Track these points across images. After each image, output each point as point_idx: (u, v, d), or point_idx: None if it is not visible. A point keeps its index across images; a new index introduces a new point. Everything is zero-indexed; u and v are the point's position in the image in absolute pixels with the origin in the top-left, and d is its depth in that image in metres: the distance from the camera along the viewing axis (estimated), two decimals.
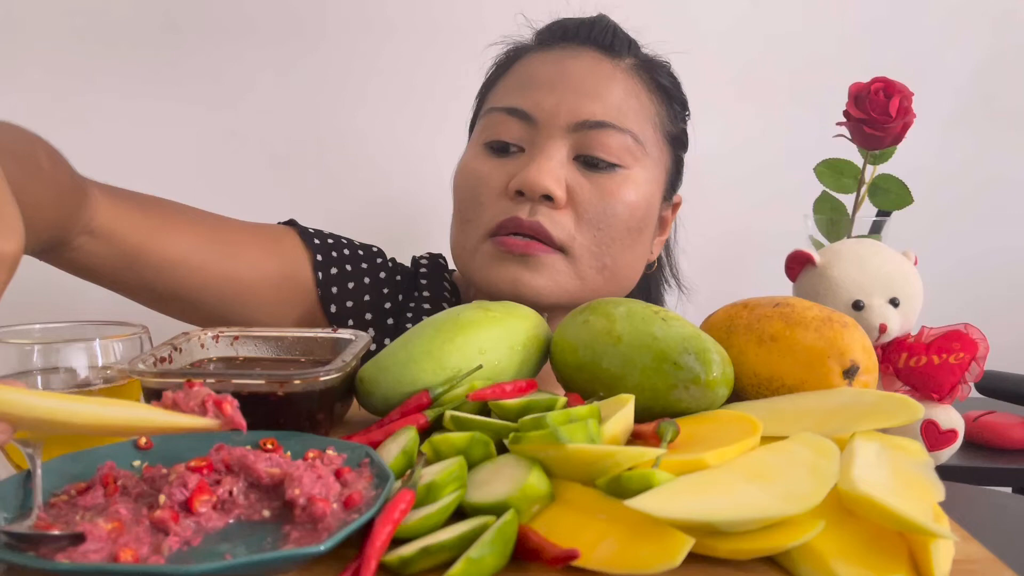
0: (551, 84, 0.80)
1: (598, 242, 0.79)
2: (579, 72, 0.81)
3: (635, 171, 0.81)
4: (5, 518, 0.39)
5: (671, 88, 0.88)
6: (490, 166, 0.81)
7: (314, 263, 0.86)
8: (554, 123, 0.79)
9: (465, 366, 0.56)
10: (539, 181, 0.76)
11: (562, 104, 0.79)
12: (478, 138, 0.84)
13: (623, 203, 0.79)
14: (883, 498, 0.36)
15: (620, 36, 0.86)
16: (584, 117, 0.78)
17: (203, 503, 0.39)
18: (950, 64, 1.50)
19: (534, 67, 0.84)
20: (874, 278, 0.64)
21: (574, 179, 0.78)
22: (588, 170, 0.79)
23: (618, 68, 0.83)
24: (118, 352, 0.52)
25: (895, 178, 0.83)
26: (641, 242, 0.84)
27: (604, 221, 0.79)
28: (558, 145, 0.79)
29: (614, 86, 0.81)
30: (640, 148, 0.81)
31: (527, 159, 0.79)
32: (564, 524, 0.39)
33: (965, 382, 0.62)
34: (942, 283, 1.06)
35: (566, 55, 0.83)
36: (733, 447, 0.43)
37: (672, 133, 0.87)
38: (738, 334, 0.57)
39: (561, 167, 0.78)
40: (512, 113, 0.81)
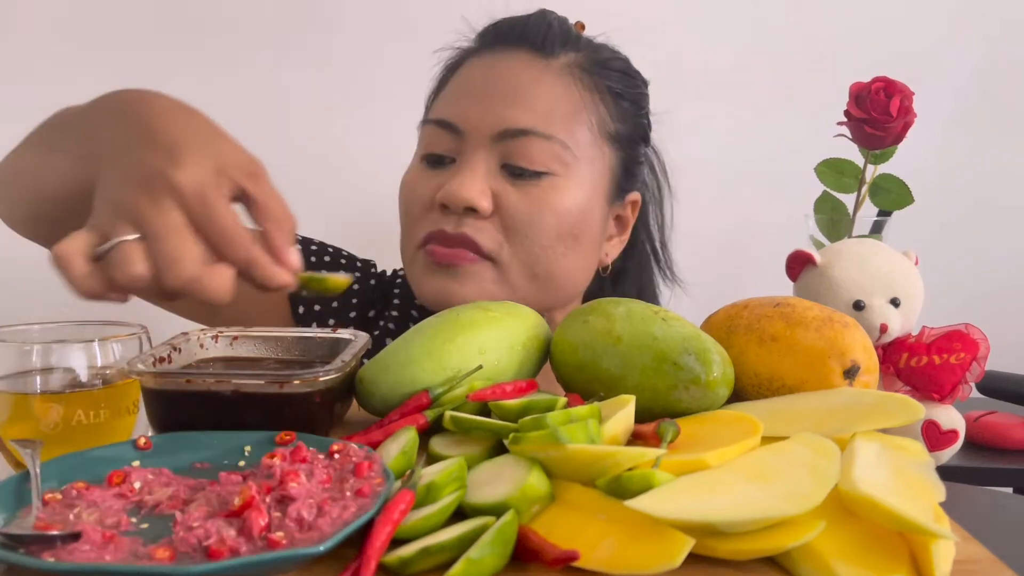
0: (480, 93, 0.80)
1: (527, 251, 0.78)
2: (506, 77, 0.80)
3: (564, 178, 0.79)
4: (4, 518, 0.39)
5: (621, 88, 0.85)
6: (422, 178, 0.81)
7: None
8: (479, 133, 0.78)
9: (465, 366, 0.56)
10: (460, 193, 0.75)
11: (487, 114, 0.78)
12: (417, 151, 0.84)
13: (551, 211, 0.78)
14: (884, 498, 0.36)
15: (555, 33, 0.83)
16: (506, 125, 0.77)
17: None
18: (950, 64, 1.50)
19: (468, 74, 0.83)
20: (875, 278, 0.64)
21: (501, 188, 0.77)
22: (514, 179, 0.78)
23: (548, 70, 0.81)
24: (117, 352, 0.52)
25: (896, 178, 0.82)
26: (580, 248, 0.82)
27: (532, 229, 0.77)
28: (483, 156, 0.78)
29: (541, 90, 0.80)
30: (569, 153, 0.79)
31: (454, 172, 0.79)
32: (564, 524, 0.39)
33: (966, 382, 0.62)
34: (943, 283, 1.06)
35: (497, 60, 0.82)
36: (733, 447, 0.43)
37: (616, 132, 0.84)
38: (738, 334, 0.57)
39: (485, 179, 0.77)
40: (441, 125, 0.80)
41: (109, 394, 0.51)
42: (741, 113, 1.49)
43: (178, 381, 0.50)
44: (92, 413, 0.50)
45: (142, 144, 0.49)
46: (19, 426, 0.50)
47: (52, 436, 0.49)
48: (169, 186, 0.45)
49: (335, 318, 0.91)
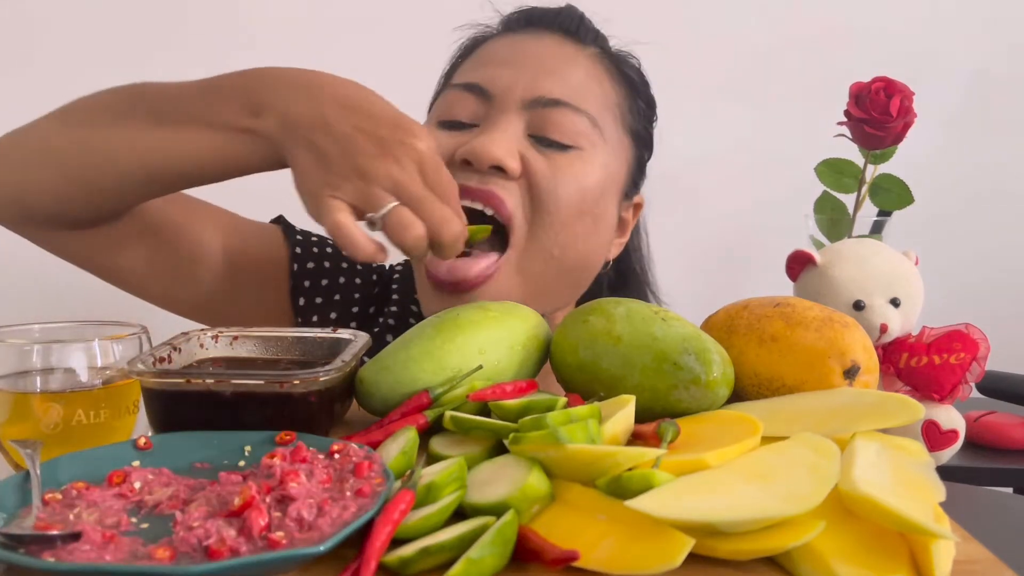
0: (510, 61, 0.78)
1: (547, 224, 0.74)
2: (540, 51, 0.79)
3: (590, 154, 0.77)
4: (4, 518, 0.39)
5: (638, 83, 0.85)
6: (443, 138, 0.77)
7: (291, 255, 0.89)
8: (509, 98, 0.76)
9: (465, 366, 0.56)
10: (489, 149, 0.71)
11: (519, 79, 0.76)
12: (433, 116, 0.81)
13: (577, 184, 0.75)
14: (884, 498, 0.36)
15: (587, 25, 0.84)
16: (540, 93, 0.76)
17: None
18: (950, 64, 1.50)
19: (495, 47, 0.82)
20: (875, 278, 0.64)
21: (529, 153, 0.75)
22: (542, 148, 0.76)
23: (581, 53, 0.81)
24: (117, 352, 0.52)
25: (896, 178, 0.83)
26: (596, 234, 0.79)
27: (556, 199, 0.74)
28: (512, 119, 0.75)
29: (575, 68, 0.79)
30: (597, 132, 0.77)
31: (479, 131, 0.76)
32: (564, 524, 0.39)
33: (966, 382, 0.62)
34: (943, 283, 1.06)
35: (529, 36, 0.82)
36: (733, 447, 0.43)
37: (635, 129, 0.84)
38: (738, 334, 0.57)
39: (515, 140, 0.75)
40: (467, 88, 0.78)
41: (109, 394, 0.51)
42: (741, 113, 1.49)
43: (178, 381, 0.50)
44: (92, 413, 0.50)
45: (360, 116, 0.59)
46: (19, 426, 0.50)
47: (52, 436, 0.49)
48: (414, 155, 0.58)
49: (336, 312, 0.90)
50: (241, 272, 0.85)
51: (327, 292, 0.90)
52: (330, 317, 0.90)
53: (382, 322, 0.91)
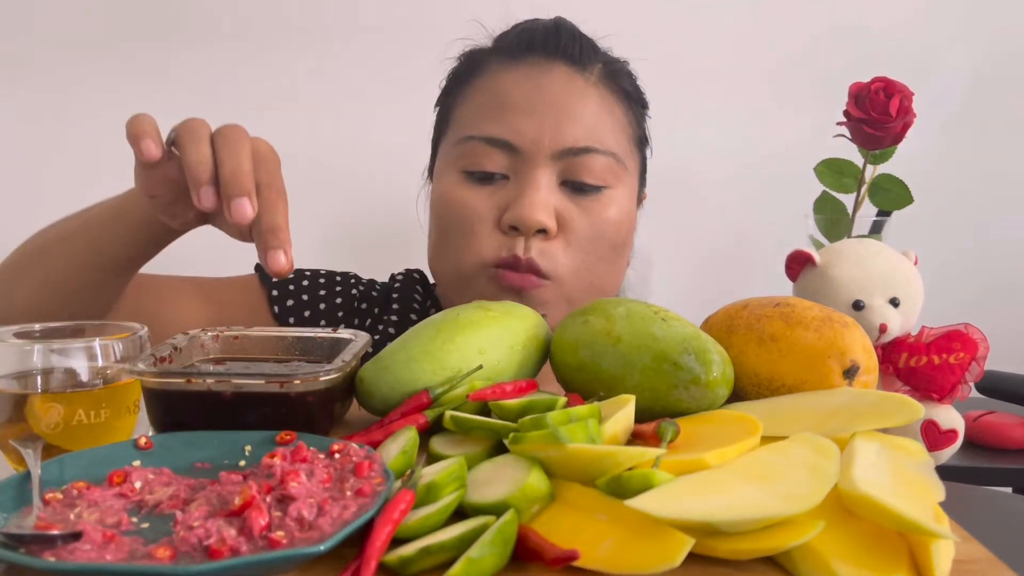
0: (528, 108, 0.80)
1: (587, 265, 0.81)
2: (554, 93, 0.81)
3: (618, 190, 0.82)
4: (5, 518, 0.39)
5: (633, 91, 0.88)
6: (477, 196, 0.80)
7: (270, 299, 0.91)
8: (538, 151, 0.79)
9: (465, 366, 0.56)
10: (533, 216, 0.77)
11: (544, 130, 0.79)
12: (455, 163, 0.82)
13: (609, 223, 0.81)
14: (883, 498, 0.36)
15: (585, 44, 0.85)
16: (568, 144, 0.79)
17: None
18: (950, 64, 1.50)
19: (504, 86, 0.82)
20: (874, 278, 0.64)
21: (562, 206, 0.80)
22: (575, 194, 0.80)
23: (589, 83, 0.83)
24: (118, 352, 0.52)
25: (895, 178, 0.83)
26: (624, 255, 0.86)
27: (592, 244, 0.80)
28: (544, 173, 0.79)
29: (588, 104, 0.81)
30: (621, 166, 0.82)
31: (515, 189, 0.79)
32: (564, 524, 0.39)
33: (965, 382, 0.62)
34: (942, 283, 1.06)
35: (537, 72, 0.82)
36: (733, 447, 0.43)
37: (639, 137, 0.88)
38: (738, 334, 0.57)
39: (550, 196, 0.79)
40: (493, 144, 0.80)
41: (109, 394, 0.51)
42: (741, 113, 1.49)
43: (178, 381, 0.50)
44: (92, 413, 0.50)
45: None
46: (19, 426, 0.50)
47: (53, 436, 0.49)
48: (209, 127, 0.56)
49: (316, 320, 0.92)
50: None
51: (311, 322, 0.92)
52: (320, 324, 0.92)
53: (382, 330, 0.92)
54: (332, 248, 1.37)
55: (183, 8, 1.40)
